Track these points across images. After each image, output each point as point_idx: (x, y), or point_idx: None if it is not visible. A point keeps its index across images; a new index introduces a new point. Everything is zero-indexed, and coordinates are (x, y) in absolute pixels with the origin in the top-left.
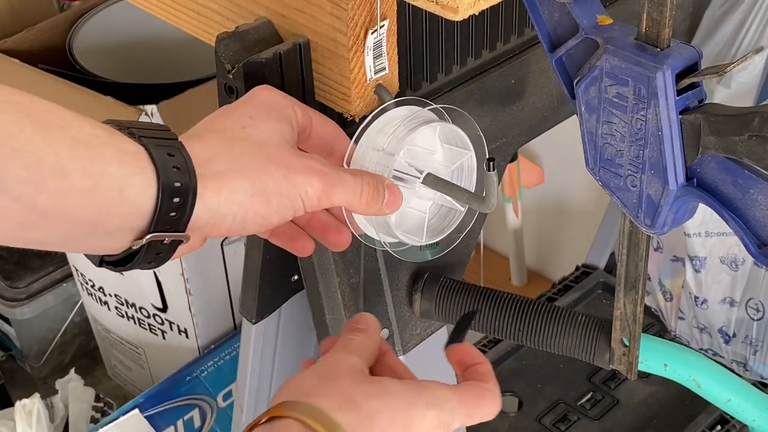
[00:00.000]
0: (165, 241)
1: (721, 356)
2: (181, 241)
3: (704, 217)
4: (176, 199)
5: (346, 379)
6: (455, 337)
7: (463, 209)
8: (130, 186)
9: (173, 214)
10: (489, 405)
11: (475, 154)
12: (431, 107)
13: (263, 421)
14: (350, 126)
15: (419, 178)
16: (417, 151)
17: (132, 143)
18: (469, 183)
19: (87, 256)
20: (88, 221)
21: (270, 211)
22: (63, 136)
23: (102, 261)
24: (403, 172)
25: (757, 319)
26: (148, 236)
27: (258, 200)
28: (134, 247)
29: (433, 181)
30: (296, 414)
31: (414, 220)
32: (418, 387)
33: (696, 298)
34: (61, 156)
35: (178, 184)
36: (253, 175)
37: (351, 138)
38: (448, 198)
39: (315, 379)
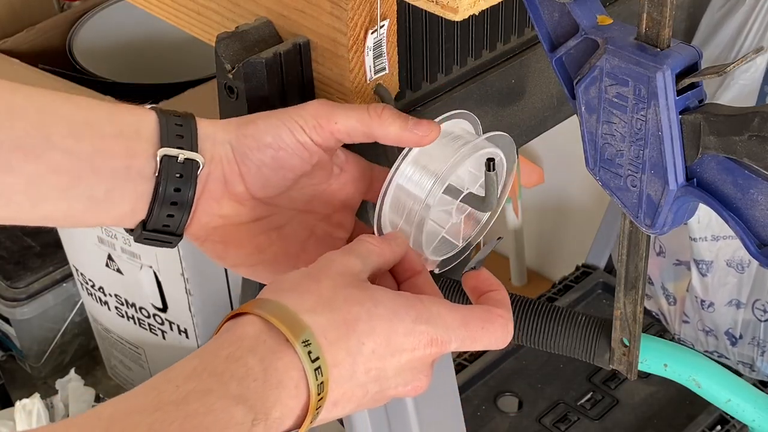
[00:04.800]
0: (180, 159)
1: (726, 358)
2: (199, 166)
3: (710, 221)
4: (177, 124)
5: (331, 280)
6: (472, 266)
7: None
8: (143, 127)
9: (179, 135)
10: (497, 331)
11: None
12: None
13: (228, 318)
14: None
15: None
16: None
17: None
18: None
19: (128, 232)
20: (123, 163)
21: (258, 129)
22: (85, 103)
23: (144, 227)
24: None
25: (764, 320)
26: (161, 150)
27: (244, 125)
28: (155, 174)
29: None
30: (260, 311)
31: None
32: (412, 300)
33: (702, 301)
34: (89, 115)
35: (177, 116)
36: (242, 117)
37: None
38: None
39: (299, 276)
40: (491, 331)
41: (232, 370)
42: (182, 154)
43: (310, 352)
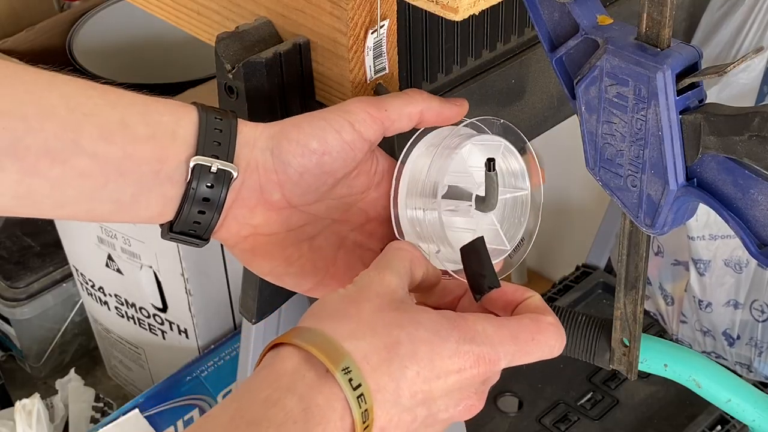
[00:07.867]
0: (213, 169)
1: (724, 359)
2: (232, 177)
3: (708, 220)
4: (217, 129)
5: (371, 303)
6: (486, 283)
7: (508, 247)
8: (181, 128)
9: (216, 142)
10: (550, 340)
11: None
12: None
13: (269, 348)
14: None
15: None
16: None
17: (185, 103)
18: (521, 216)
19: (161, 227)
20: (152, 168)
21: (303, 134)
22: (122, 99)
23: (171, 228)
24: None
25: (762, 321)
26: (194, 158)
27: (288, 129)
28: (187, 180)
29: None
30: (298, 341)
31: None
32: (455, 319)
33: (700, 301)
34: (123, 114)
35: (218, 119)
36: (286, 120)
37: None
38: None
39: (338, 300)
40: (543, 342)
41: (270, 417)
42: (216, 164)
43: (351, 380)
